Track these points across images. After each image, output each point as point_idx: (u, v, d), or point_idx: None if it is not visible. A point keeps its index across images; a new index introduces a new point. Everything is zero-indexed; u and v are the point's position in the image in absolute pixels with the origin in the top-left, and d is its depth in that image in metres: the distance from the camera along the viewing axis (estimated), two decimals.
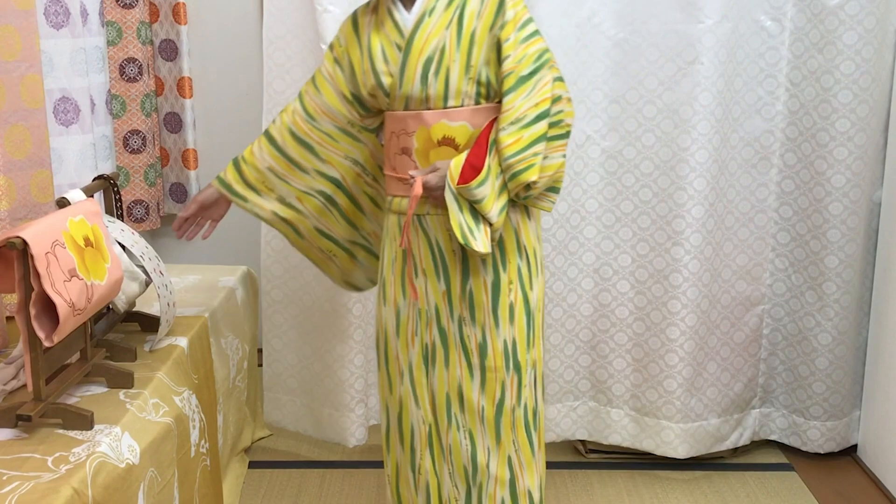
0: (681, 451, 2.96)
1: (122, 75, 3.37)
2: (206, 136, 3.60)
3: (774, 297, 3.02)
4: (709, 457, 3.05)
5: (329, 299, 2.92)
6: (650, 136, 2.81)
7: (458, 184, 1.96)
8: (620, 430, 3.04)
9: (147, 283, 2.27)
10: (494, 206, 1.97)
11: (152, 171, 3.50)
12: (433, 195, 2.03)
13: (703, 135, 2.76)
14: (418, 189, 2.02)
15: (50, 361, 1.78)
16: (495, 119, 2.02)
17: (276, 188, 2.27)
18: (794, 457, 3.09)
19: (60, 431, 1.74)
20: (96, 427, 1.76)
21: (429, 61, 2.02)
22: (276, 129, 2.26)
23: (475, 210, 1.97)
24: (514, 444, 2.13)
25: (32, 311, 1.68)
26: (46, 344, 1.70)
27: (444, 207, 2.02)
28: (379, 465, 3.03)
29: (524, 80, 1.98)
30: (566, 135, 2.04)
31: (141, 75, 3.39)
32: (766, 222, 2.95)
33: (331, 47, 2.22)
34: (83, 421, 1.75)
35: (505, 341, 2.10)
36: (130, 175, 3.45)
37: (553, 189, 2.09)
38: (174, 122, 3.55)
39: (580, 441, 3.13)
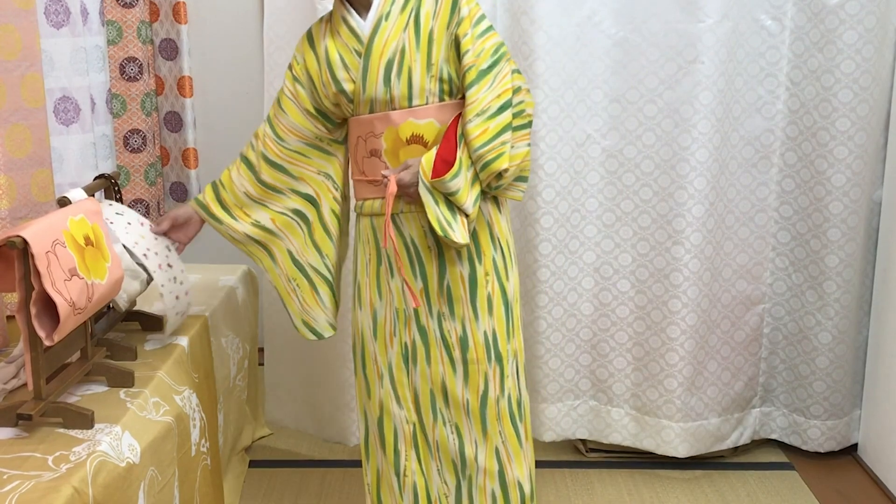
0: (681, 451, 2.96)
1: (122, 74, 3.37)
2: (207, 135, 3.60)
3: (775, 297, 3.02)
4: (709, 456, 3.05)
5: None
6: (650, 135, 2.81)
7: (431, 178, 2.00)
8: (621, 430, 3.04)
9: (148, 282, 2.27)
10: (469, 197, 2.02)
11: (153, 170, 3.50)
12: (407, 192, 2.06)
13: (704, 134, 2.76)
14: (393, 188, 2.04)
15: (50, 360, 1.78)
16: (460, 114, 2.06)
17: (251, 213, 2.26)
18: (794, 456, 3.10)
19: (61, 430, 1.74)
20: (97, 426, 1.76)
21: (390, 63, 2.06)
22: (253, 155, 2.26)
23: (450, 203, 2.02)
24: (500, 435, 2.16)
25: (33, 311, 1.68)
26: (47, 343, 1.70)
27: (418, 204, 2.06)
28: None
29: (484, 73, 2.02)
30: (529, 124, 2.10)
31: (141, 74, 3.39)
32: (767, 221, 2.95)
33: (290, 67, 2.22)
34: (84, 420, 1.75)
35: (485, 333, 2.13)
36: (131, 174, 3.45)
37: (521, 178, 2.14)
38: (174, 122, 3.55)
39: (580, 440, 3.13)
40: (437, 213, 2.01)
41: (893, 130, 2.86)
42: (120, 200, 2.27)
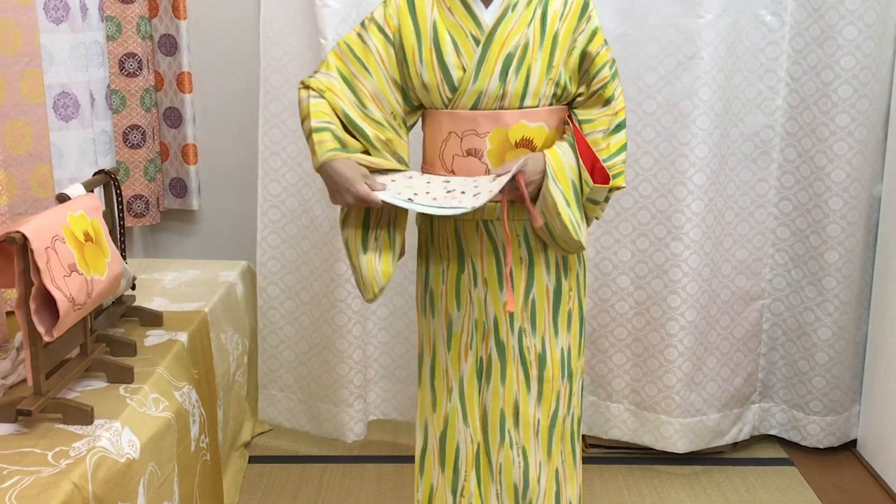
0: (680, 446, 2.96)
1: (121, 70, 3.37)
2: (206, 131, 3.59)
3: (774, 292, 3.02)
4: (708, 452, 3.05)
5: (327, 295, 2.92)
6: (650, 130, 2.81)
7: (595, 183, 1.92)
8: (620, 425, 3.04)
9: (133, 280, 2.29)
10: (602, 209, 1.99)
11: (152, 165, 3.50)
12: (519, 191, 1.90)
13: (703, 129, 2.76)
14: (522, 188, 1.90)
15: (50, 356, 1.78)
16: (569, 120, 1.99)
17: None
18: (793, 452, 3.10)
19: (60, 426, 1.74)
20: (96, 422, 1.76)
21: (510, 57, 1.93)
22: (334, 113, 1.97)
23: (579, 204, 1.94)
24: (561, 454, 2.08)
25: (32, 306, 1.68)
26: (46, 339, 1.71)
27: (519, 209, 1.96)
28: (379, 459, 3.04)
29: (605, 85, 1.98)
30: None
31: (140, 70, 3.39)
32: (766, 217, 2.95)
33: (377, 25, 1.99)
34: (83, 416, 1.75)
35: (562, 349, 2.05)
36: (130, 170, 3.45)
37: (607, 199, 2.05)
38: (174, 117, 3.55)
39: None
40: (568, 213, 1.91)
41: (893, 126, 2.86)
42: (120, 196, 2.27)
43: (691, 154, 2.77)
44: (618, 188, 1.98)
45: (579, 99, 2.00)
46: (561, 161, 1.92)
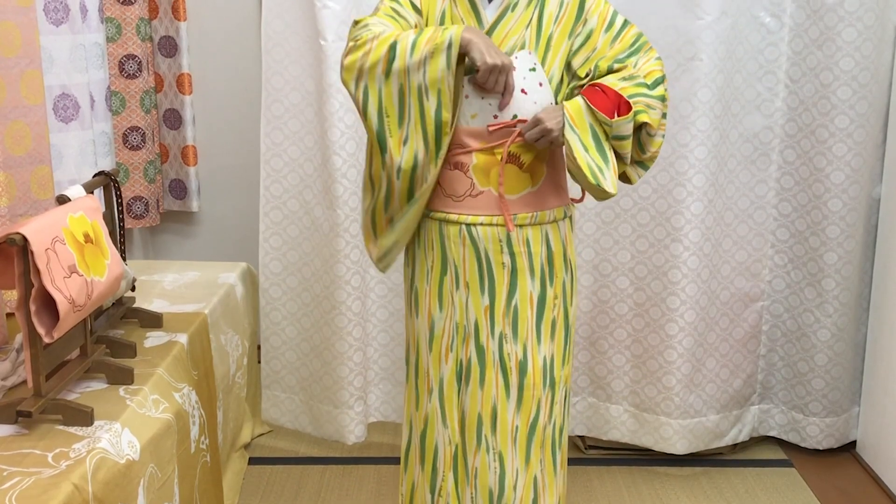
0: (679, 448, 2.96)
1: (121, 72, 3.37)
2: (206, 132, 3.60)
3: (774, 294, 3.03)
4: (708, 453, 3.05)
5: (328, 296, 2.92)
6: None
7: (612, 118, 1.85)
8: (619, 427, 3.04)
9: (133, 281, 2.30)
10: (630, 148, 1.90)
11: (152, 167, 3.50)
12: (549, 138, 1.88)
13: (703, 131, 2.76)
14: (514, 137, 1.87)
15: (50, 358, 1.78)
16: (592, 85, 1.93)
17: None
18: (793, 453, 3.10)
19: (61, 427, 1.75)
20: (96, 423, 1.76)
21: None
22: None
23: (601, 150, 1.88)
24: (541, 463, 2.06)
25: (32, 308, 1.68)
26: (46, 340, 1.71)
27: (502, 212, 1.93)
28: (379, 461, 3.04)
29: (624, 60, 1.95)
30: (666, 116, 1.97)
31: (140, 72, 3.39)
32: (766, 219, 2.95)
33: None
34: (83, 417, 1.75)
35: (545, 358, 2.02)
36: (130, 172, 3.45)
37: (643, 166, 2.01)
38: (174, 119, 3.55)
39: (579, 437, 3.13)
40: (587, 159, 1.86)
41: (892, 127, 2.87)
42: (120, 198, 2.27)
43: (691, 155, 2.78)
44: (645, 125, 1.88)
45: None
46: (580, 108, 1.88)
